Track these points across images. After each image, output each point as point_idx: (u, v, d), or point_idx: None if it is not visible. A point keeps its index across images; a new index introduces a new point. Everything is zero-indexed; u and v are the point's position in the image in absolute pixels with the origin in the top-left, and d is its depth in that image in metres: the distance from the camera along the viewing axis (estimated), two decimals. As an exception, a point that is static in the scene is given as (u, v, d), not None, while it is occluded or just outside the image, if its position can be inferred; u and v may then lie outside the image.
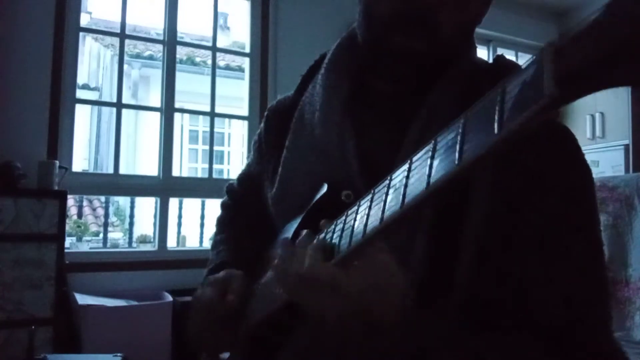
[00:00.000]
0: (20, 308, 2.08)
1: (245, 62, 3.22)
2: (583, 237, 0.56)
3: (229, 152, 6.79)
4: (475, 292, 0.54)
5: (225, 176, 5.86)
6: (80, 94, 3.35)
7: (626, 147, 3.45)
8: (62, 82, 2.54)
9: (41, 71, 2.48)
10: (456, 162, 0.33)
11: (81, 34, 2.76)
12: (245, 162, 3.40)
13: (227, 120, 5.18)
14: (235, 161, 6.25)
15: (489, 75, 0.62)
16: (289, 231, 0.65)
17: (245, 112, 3.14)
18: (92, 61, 6.64)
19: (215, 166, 5.09)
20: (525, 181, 0.55)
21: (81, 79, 5.58)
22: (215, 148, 3.65)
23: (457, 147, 0.34)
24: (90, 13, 6.25)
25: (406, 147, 0.59)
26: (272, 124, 0.81)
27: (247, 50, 3.18)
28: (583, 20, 0.28)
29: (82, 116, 5.70)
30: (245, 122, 3.14)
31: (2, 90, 2.40)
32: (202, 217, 3.63)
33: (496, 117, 0.31)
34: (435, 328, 0.50)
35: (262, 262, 0.73)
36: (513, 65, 0.62)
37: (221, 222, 0.93)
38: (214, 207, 3.93)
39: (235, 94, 3.64)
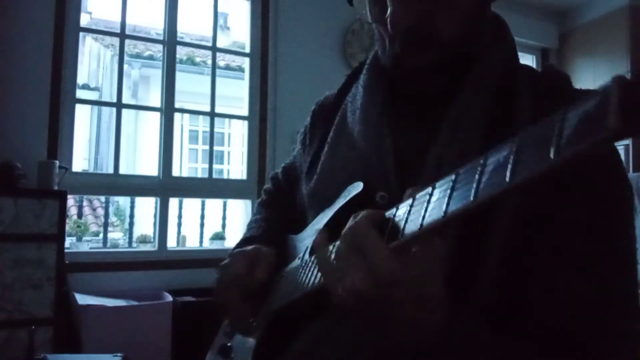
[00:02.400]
0: (20, 308, 2.08)
1: (245, 62, 3.22)
2: (610, 250, 0.54)
3: (229, 152, 6.79)
4: (497, 297, 0.53)
5: (225, 176, 5.87)
6: (80, 94, 3.34)
7: (626, 147, 3.45)
8: (62, 82, 2.54)
9: (41, 71, 2.48)
10: (507, 179, 0.34)
11: (81, 34, 2.76)
12: (245, 162, 3.37)
13: (227, 120, 5.18)
14: (235, 161, 6.25)
15: (530, 81, 0.61)
16: (319, 224, 0.66)
17: (245, 112, 3.14)
18: (92, 61, 6.64)
19: (215, 166, 5.09)
20: (555, 187, 0.53)
21: (81, 79, 5.59)
22: (215, 148, 3.66)
23: (509, 166, 0.34)
24: (90, 13, 6.25)
25: (436, 149, 0.59)
26: (316, 119, 0.84)
27: (247, 50, 3.18)
28: None
29: (82, 116, 5.71)
30: (245, 122, 3.13)
31: (2, 90, 2.40)
32: (202, 217, 3.63)
33: (553, 143, 0.31)
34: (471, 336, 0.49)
35: (288, 250, 0.75)
36: (562, 77, 0.61)
37: (260, 204, 0.97)
38: (214, 207, 3.95)
39: (235, 94, 3.64)
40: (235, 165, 5.88)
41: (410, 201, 0.44)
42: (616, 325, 0.54)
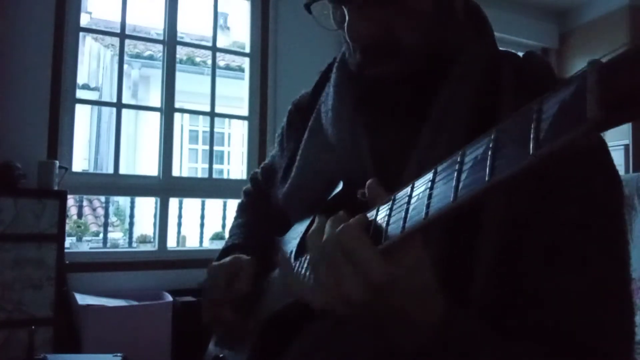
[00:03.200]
0: (20, 308, 2.08)
1: (245, 62, 3.21)
2: (604, 249, 0.53)
3: (229, 152, 6.79)
4: (490, 300, 0.53)
5: (225, 176, 5.87)
6: (80, 94, 3.34)
7: (626, 147, 3.45)
8: (62, 82, 2.54)
9: (41, 71, 2.48)
10: (486, 178, 0.32)
11: (81, 34, 2.76)
12: (245, 162, 3.35)
13: (227, 120, 5.18)
14: (235, 161, 6.25)
15: (513, 71, 0.60)
16: (302, 227, 0.65)
17: (245, 112, 3.14)
18: (92, 61, 6.64)
19: (215, 166, 5.09)
20: (547, 187, 0.53)
21: (81, 79, 5.58)
22: (215, 148, 3.65)
23: (488, 163, 0.32)
24: (90, 13, 6.25)
25: (419, 150, 0.58)
26: (293, 119, 0.83)
27: (247, 50, 3.18)
28: (634, 40, 0.25)
29: (82, 116, 5.70)
30: (245, 122, 3.13)
31: (2, 90, 2.40)
32: (202, 217, 3.63)
33: (531, 137, 0.29)
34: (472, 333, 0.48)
35: (273, 253, 0.74)
36: (544, 65, 0.60)
37: (241, 208, 0.95)
38: (214, 207, 3.94)
39: (235, 94, 3.64)
40: (235, 165, 5.88)
41: (390, 203, 0.44)
42: (615, 324, 0.54)
